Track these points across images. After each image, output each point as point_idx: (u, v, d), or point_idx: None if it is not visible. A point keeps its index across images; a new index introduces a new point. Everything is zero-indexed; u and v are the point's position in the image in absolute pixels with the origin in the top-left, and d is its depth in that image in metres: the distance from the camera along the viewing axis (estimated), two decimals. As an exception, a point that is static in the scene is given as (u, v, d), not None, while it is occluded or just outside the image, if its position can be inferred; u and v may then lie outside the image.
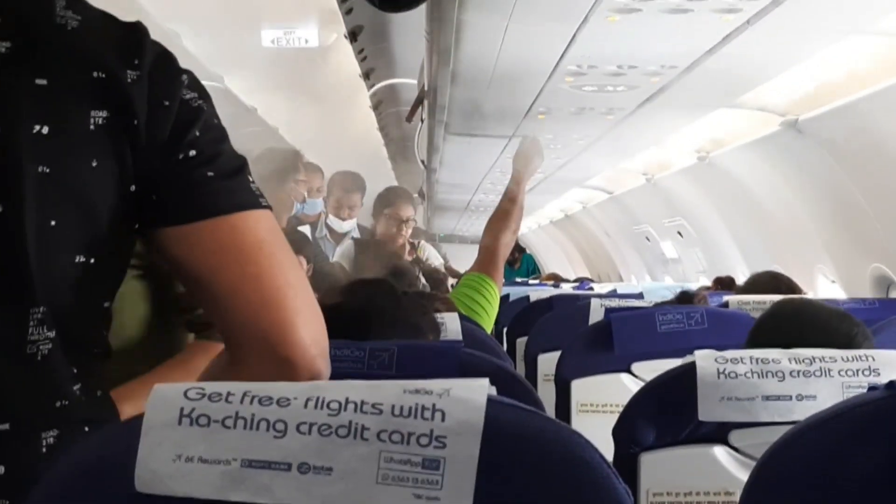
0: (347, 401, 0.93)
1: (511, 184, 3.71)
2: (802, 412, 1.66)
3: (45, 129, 1.17)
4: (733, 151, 5.69)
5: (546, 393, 3.11)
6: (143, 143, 1.23)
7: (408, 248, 5.67)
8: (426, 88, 5.16)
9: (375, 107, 8.72)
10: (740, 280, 6.95)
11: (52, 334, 1.21)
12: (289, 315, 1.23)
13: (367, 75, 7.40)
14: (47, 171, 1.17)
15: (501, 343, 4.46)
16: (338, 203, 5.73)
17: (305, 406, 0.93)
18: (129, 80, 1.22)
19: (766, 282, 3.71)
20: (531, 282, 9.85)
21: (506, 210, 3.65)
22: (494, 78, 4.17)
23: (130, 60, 1.23)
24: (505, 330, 4.68)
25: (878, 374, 1.76)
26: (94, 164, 1.20)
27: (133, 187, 1.24)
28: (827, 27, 3.29)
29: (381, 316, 1.85)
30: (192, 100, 1.28)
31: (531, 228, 14.80)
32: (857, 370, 1.77)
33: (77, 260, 1.22)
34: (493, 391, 0.95)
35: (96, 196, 1.21)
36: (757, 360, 1.79)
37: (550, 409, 2.93)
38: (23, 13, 1.20)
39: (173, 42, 5.69)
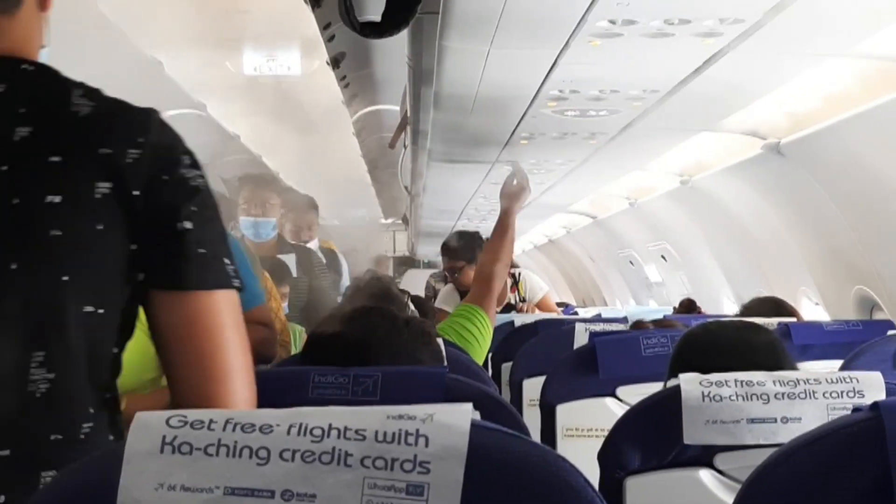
0: (331, 427, 0.92)
1: (500, 217, 3.80)
2: (787, 434, 1.65)
3: (58, 199, 1.37)
4: (716, 175, 5.70)
5: (531, 418, 3.10)
6: (141, 210, 1.40)
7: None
8: (408, 114, 5.16)
9: (358, 133, 8.72)
10: (726, 304, 7.00)
11: (51, 376, 1.37)
12: (228, 394, 1.42)
13: (349, 102, 7.41)
14: (59, 234, 1.36)
15: (487, 368, 4.45)
16: (295, 226, 5.67)
17: (288, 433, 0.92)
18: (129, 159, 1.40)
19: (768, 306, 3.71)
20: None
21: (496, 242, 3.74)
22: (477, 103, 4.17)
23: (133, 140, 1.41)
24: (490, 355, 4.66)
25: (863, 396, 1.76)
26: (100, 227, 1.39)
27: (133, 246, 1.41)
28: (807, 51, 3.31)
29: (379, 347, 1.83)
30: (192, 178, 1.45)
31: (515, 254, 14.78)
32: (842, 392, 1.77)
33: (85, 310, 1.39)
34: (478, 416, 0.94)
35: (103, 255, 1.40)
36: (742, 382, 1.79)
37: (536, 435, 2.92)
38: (42, 104, 1.41)
39: (156, 70, 5.69)
